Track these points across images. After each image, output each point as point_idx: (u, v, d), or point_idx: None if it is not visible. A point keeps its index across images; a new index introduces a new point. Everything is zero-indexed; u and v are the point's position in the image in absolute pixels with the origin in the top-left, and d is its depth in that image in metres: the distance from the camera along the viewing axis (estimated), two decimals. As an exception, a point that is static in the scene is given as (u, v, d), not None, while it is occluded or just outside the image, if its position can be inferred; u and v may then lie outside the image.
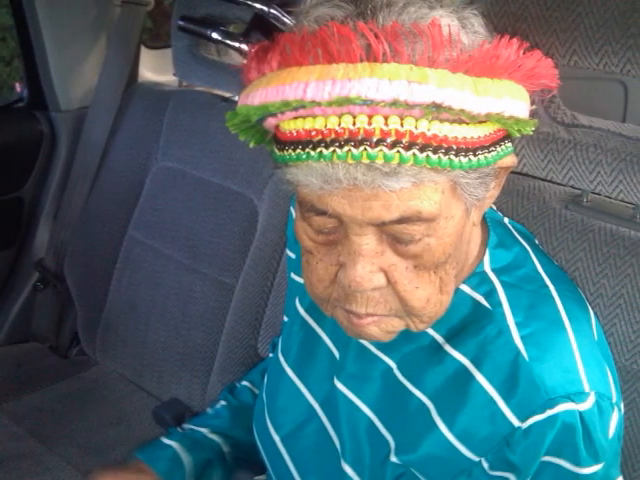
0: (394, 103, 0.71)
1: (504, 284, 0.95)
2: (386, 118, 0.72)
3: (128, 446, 1.74)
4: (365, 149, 0.72)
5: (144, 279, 1.93)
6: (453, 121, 0.75)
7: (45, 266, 2.17)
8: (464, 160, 0.76)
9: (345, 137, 0.72)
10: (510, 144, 0.85)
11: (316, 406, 1.07)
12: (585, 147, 1.14)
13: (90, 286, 2.05)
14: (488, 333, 0.92)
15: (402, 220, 0.78)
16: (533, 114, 0.86)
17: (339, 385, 1.03)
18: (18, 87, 2.50)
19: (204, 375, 1.77)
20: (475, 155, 0.77)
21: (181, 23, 1.82)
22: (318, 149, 0.74)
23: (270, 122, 0.79)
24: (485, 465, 0.91)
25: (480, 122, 0.77)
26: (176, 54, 1.93)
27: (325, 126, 0.73)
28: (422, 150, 0.73)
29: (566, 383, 0.87)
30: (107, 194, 2.04)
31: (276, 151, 0.80)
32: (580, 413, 0.86)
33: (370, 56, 0.71)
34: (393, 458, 0.97)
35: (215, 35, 1.78)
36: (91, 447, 1.78)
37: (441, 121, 0.74)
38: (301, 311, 1.12)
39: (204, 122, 1.88)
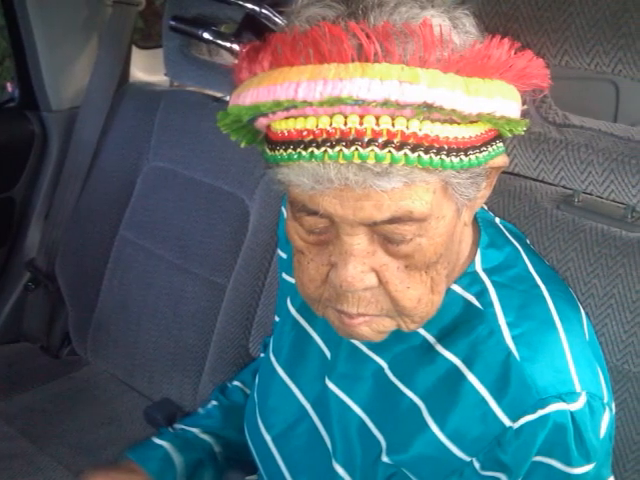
0: (385, 103, 0.71)
1: (495, 284, 0.95)
2: (377, 118, 0.72)
3: (119, 446, 1.74)
4: (356, 149, 0.72)
5: (135, 279, 1.92)
6: (444, 121, 0.75)
7: (36, 266, 2.16)
8: (455, 160, 0.76)
9: (336, 137, 0.72)
10: (501, 144, 0.85)
11: (307, 406, 1.07)
12: (577, 147, 1.14)
13: (81, 286, 2.04)
14: (479, 333, 0.92)
15: (393, 220, 0.78)
16: (524, 114, 0.86)
17: (330, 385, 1.03)
18: (9, 87, 2.49)
19: (195, 375, 1.77)
20: (466, 155, 0.77)
21: (172, 23, 1.82)
22: (309, 149, 0.74)
23: (261, 122, 0.79)
24: (476, 465, 0.91)
25: (471, 122, 0.77)
26: (167, 54, 1.93)
27: (316, 126, 0.73)
28: (413, 150, 0.73)
29: (557, 383, 0.87)
30: (98, 194, 2.04)
31: (267, 151, 0.80)
32: (571, 413, 0.86)
33: (361, 56, 0.71)
34: (384, 458, 0.97)
35: (206, 35, 1.77)
36: (82, 447, 1.78)
37: (432, 121, 0.74)
38: (292, 311, 1.12)
39: (195, 122, 1.87)
